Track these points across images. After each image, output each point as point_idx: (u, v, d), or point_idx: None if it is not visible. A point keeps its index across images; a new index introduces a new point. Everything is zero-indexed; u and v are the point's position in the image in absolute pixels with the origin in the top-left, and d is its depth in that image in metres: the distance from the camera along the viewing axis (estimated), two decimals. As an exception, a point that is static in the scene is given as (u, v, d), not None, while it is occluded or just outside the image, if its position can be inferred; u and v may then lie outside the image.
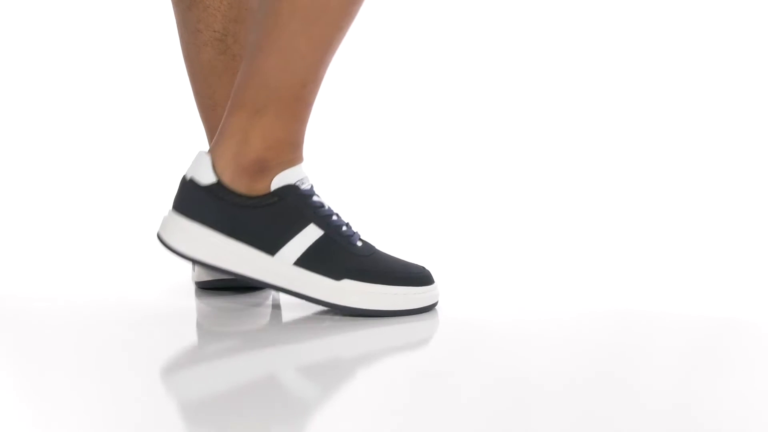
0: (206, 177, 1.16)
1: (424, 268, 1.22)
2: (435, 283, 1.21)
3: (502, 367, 1.03)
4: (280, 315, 1.22)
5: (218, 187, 1.16)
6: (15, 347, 1.10)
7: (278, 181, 1.16)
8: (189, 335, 1.17)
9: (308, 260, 1.16)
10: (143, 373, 1.00)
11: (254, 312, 1.24)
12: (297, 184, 1.17)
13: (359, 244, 1.19)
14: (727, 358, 1.10)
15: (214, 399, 0.93)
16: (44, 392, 0.94)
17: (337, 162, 2.37)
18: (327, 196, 1.29)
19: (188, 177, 1.17)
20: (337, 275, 1.16)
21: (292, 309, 1.22)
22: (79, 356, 1.06)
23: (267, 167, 1.16)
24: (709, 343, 1.16)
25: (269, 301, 1.28)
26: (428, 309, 1.21)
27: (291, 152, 1.17)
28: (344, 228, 1.18)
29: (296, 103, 1.16)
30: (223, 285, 1.31)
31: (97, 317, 1.20)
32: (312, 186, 1.19)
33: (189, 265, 1.42)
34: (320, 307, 1.21)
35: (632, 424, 0.87)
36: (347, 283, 1.17)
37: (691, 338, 1.16)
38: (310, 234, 1.16)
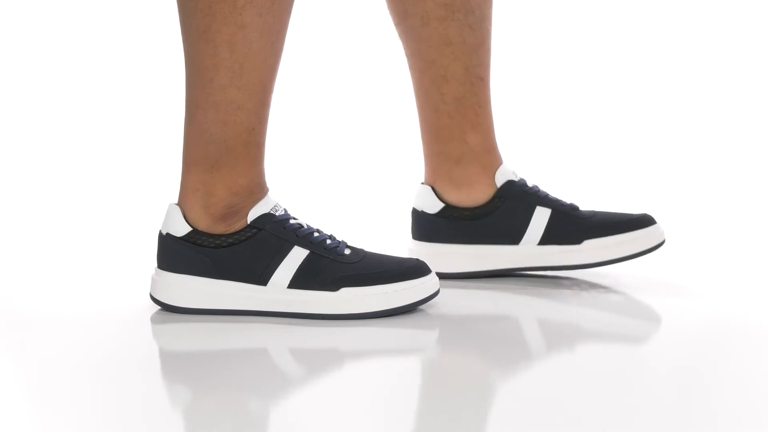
0: (181, 229, 1.18)
1: (418, 260, 1.22)
2: (432, 272, 1.21)
3: (503, 365, 1.04)
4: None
5: (195, 234, 1.17)
6: (13, 349, 1.12)
7: (253, 214, 1.18)
8: (185, 337, 1.16)
9: (301, 280, 1.17)
10: (142, 371, 1.02)
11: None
12: (271, 212, 1.18)
13: (347, 252, 1.19)
14: (730, 359, 1.08)
15: (212, 403, 0.93)
16: (43, 392, 0.95)
17: (337, 161, 2.36)
18: (308, 208, 1.27)
19: (164, 233, 1.19)
20: (333, 287, 1.17)
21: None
22: (81, 357, 1.07)
23: (239, 209, 1.18)
24: (711, 341, 1.14)
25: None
26: (431, 298, 1.20)
27: (258, 191, 1.19)
28: (328, 241, 1.19)
29: (248, 149, 1.17)
30: None
31: (95, 317, 1.20)
32: (285, 210, 1.20)
33: None
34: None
35: (637, 421, 0.87)
36: (345, 292, 1.17)
37: (694, 336, 1.15)
38: (296, 256, 1.17)
